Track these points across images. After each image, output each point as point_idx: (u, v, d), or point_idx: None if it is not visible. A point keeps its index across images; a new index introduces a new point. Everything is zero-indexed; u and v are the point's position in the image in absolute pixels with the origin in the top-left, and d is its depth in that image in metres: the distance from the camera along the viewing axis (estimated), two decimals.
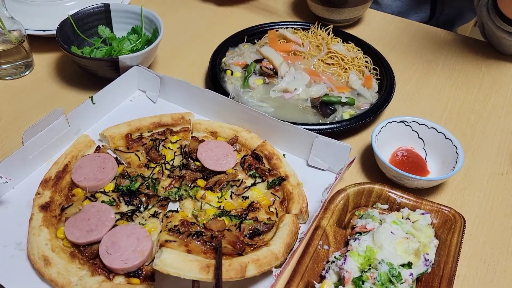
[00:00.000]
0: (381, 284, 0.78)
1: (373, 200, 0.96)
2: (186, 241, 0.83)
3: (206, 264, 0.77)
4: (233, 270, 0.78)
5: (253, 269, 0.80)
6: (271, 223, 0.93)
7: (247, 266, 0.80)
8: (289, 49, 1.34)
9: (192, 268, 0.76)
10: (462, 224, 0.89)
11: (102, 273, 0.84)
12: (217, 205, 0.97)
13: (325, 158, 1.05)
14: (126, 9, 1.33)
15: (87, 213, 0.91)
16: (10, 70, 1.28)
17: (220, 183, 1.00)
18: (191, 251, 0.80)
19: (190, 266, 0.76)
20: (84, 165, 1.01)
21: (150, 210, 0.95)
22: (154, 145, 1.07)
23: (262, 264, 0.82)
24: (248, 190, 1.00)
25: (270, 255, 0.83)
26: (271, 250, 0.84)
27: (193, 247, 0.81)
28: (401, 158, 1.08)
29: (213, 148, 1.06)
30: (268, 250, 0.84)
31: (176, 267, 0.75)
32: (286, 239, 0.87)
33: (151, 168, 1.03)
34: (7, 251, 0.89)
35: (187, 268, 0.76)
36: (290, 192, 0.98)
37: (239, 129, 1.11)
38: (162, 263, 0.75)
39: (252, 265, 0.80)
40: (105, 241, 0.87)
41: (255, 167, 1.04)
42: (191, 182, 1.00)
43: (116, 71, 1.19)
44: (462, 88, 1.33)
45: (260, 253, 0.83)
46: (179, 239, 0.83)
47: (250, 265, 0.80)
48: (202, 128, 1.12)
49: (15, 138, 1.12)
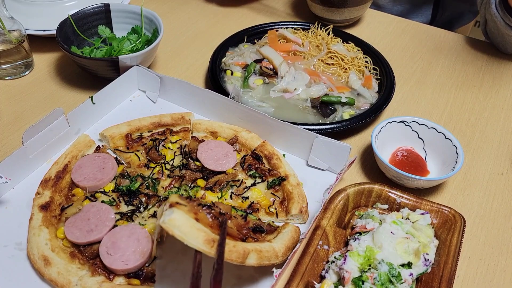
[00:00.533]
0: (381, 284, 0.78)
1: (373, 200, 0.96)
2: (196, 209, 0.79)
3: (212, 238, 0.75)
4: (236, 252, 0.77)
5: (254, 259, 0.79)
6: (274, 226, 0.93)
7: (249, 253, 0.79)
8: (289, 49, 1.34)
9: (198, 237, 0.73)
10: (462, 224, 0.89)
11: (102, 274, 0.84)
12: None
13: (325, 158, 1.05)
14: (126, 9, 1.33)
15: (87, 213, 0.91)
16: (10, 70, 1.28)
17: (220, 183, 1.00)
18: (199, 220, 0.77)
19: (196, 234, 0.74)
20: (84, 165, 1.01)
21: (150, 210, 0.95)
22: (154, 145, 1.07)
23: (263, 257, 0.81)
24: (248, 190, 1.00)
25: (271, 251, 0.83)
26: (273, 247, 0.84)
27: (201, 217, 0.78)
28: (401, 158, 1.08)
29: (213, 148, 1.06)
30: (270, 246, 0.84)
31: (183, 231, 0.73)
32: (287, 242, 0.87)
33: (151, 168, 1.03)
34: (7, 251, 0.89)
35: (193, 236, 0.73)
36: (290, 192, 0.98)
37: (239, 129, 1.11)
38: (170, 223, 0.73)
39: (254, 254, 0.79)
40: (106, 241, 0.87)
41: (255, 167, 1.04)
42: (191, 182, 1.00)
43: (116, 71, 1.19)
44: (462, 88, 1.33)
45: (263, 246, 0.83)
46: (189, 204, 0.79)
47: (252, 253, 0.79)
48: (202, 128, 1.12)
49: (15, 138, 1.12)
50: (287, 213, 0.96)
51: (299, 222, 0.97)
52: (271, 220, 0.97)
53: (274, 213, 0.96)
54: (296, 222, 0.97)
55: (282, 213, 0.97)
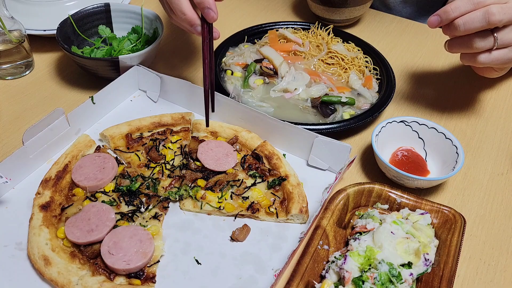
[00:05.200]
0: (381, 284, 0.78)
1: (373, 200, 0.96)
2: None
3: None
4: None
5: None
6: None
7: None
8: (289, 49, 1.34)
9: None
10: (462, 224, 0.89)
11: (103, 273, 0.84)
12: (217, 205, 0.97)
13: (325, 158, 1.05)
14: (126, 9, 1.33)
15: (88, 213, 0.92)
16: (10, 70, 1.28)
17: (220, 183, 1.00)
18: None
19: None
20: (84, 165, 1.01)
21: (151, 211, 0.95)
22: (154, 145, 1.07)
23: None
24: (248, 190, 1.00)
25: None
26: None
27: None
28: (401, 158, 1.08)
29: (213, 148, 1.06)
30: None
31: None
32: None
33: (151, 168, 1.03)
34: (8, 251, 0.89)
35: None
36: (290, 192, 0.98)
37: (239, 129, 1.11)
38: None
39: None
40: (107, 241, 0.87)
41: (255, 167, 1.04)
42: (192, 182, 1.00)
43: (117, 71, 1.19)
44: (462, 88, 1.33)
45: None
46: None
47: None
48: (202, 128, 1.12)
49: (15, 138, 1.12)
50: (287, 213, 0.96)
51: (300, 222, 0.97)
52: (271, 220, 0.97)
53: (274, 213, 0.96)
54: (296, 222, 0.97)
55: (282, 213, 0.97)
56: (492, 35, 0.97)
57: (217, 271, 0.88)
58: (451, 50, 1.04)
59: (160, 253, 0.89)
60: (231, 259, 0.90)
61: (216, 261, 0.90)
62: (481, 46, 0.98)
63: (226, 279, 0.87)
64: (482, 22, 0.94)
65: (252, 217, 0.97)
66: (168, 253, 0.91)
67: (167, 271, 0.88)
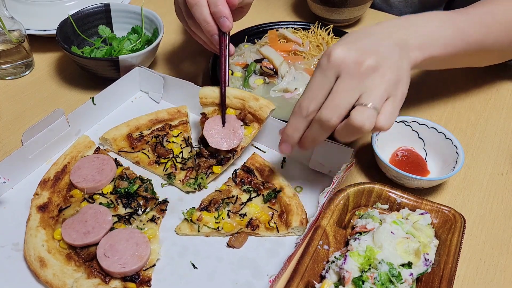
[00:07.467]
0: (381, 284, 0.78)
1: (373, 200, 0.96)
2: None
3: None
4: None
5: None
6: None
7: None
8: (290, 49, 1.34)
9: None
10: (462, 224, 0.89)
11: (98, 276, 0.84)
12: (215, 226, 0.93)
13: (326, 162, 1.03)
14: (126, 9, 1.33)
15: (85, 215, 0.91)
16: (10, 70, 1.28)
17: (215, 201, 0.97)
18: None
19: None
20: (83, 166, 1.01)
21: (148, 214, 0.95)
22: (158, 141, 1.07)
23: None
24: (245, 206, 0.97)
25: None
26: None
27: None
28: (401, 158, 1.08)
29: (220, 124, 1.05)
30: None
31: None
32: None
33: (162, 164, 1.04)
34: (4, 252, 0.89)
35: None
36: (287, 204, 0.96)
37: (246, 97, 1.06)
38: None
39: None
40: (103, 243, 0.86)
41: (248, 181, 1.02)
42: (207, 169, 1.00)
43: (117, 71, 1.19)
44: (462, 88, 1.33)
45: None
46: None
47: None
48: (209, 102, 1.08)
49: (15, 138, 1.12)
50: (288, 226, 0.94)
51: (300, 234, 0.95)
52: (272, 235, 0.94)
53: (275, 227, 0.94)
54: (297, 234, 0.95)
55: (283, 227, 0.94)
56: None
57: (213, 275, 0.88)
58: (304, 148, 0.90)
59: (156, 257, 0.88)
60: (227, 264, 0.89)
61: (213, 266, 0.89)
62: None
63: (222, 283, 0.87)
64: (326, 131, 0.84)
65: (252, 234, 0.94)
66: (164, 257, 0.90)
67: (163, 274, 0.87)
